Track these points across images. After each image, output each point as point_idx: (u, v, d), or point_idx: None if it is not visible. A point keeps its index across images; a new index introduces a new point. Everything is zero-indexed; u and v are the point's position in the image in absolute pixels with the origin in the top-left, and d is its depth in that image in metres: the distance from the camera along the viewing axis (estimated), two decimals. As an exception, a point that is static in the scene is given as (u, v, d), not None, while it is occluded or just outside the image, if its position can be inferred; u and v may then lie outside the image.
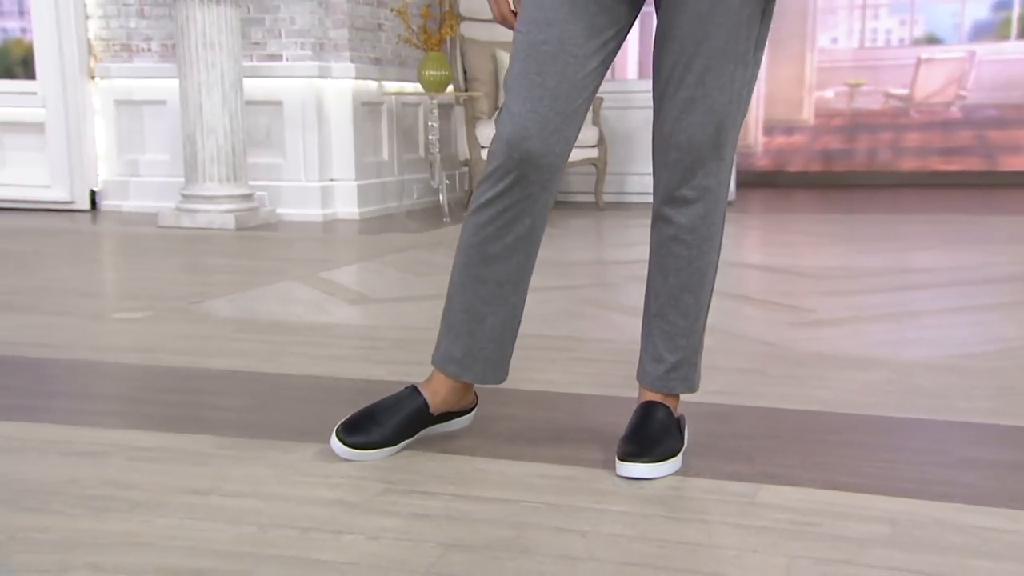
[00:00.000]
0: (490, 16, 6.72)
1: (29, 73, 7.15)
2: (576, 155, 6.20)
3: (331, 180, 6.00)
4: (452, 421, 1.97)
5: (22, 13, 7.50)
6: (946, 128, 8.69)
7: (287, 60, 5.89)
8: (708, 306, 1.92)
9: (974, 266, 4.30)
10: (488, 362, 1.90)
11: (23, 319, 3.27)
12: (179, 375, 2.61)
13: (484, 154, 6.17)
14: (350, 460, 1.89)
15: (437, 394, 1.92)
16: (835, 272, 4.06)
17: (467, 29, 6.57)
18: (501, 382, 1.95)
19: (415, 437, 1.93)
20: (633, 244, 4.94)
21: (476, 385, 1.98)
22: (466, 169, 6.61)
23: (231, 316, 3.31)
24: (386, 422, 1.90)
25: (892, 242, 5.01)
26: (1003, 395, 2.36)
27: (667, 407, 1.89)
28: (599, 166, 6.57)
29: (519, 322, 1.94)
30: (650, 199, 1.96)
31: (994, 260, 4.47)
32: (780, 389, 2.44)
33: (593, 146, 6.42)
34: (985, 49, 9.77)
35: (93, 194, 6.36)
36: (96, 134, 6.33)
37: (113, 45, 6.21)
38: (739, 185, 7.19)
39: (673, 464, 1.81)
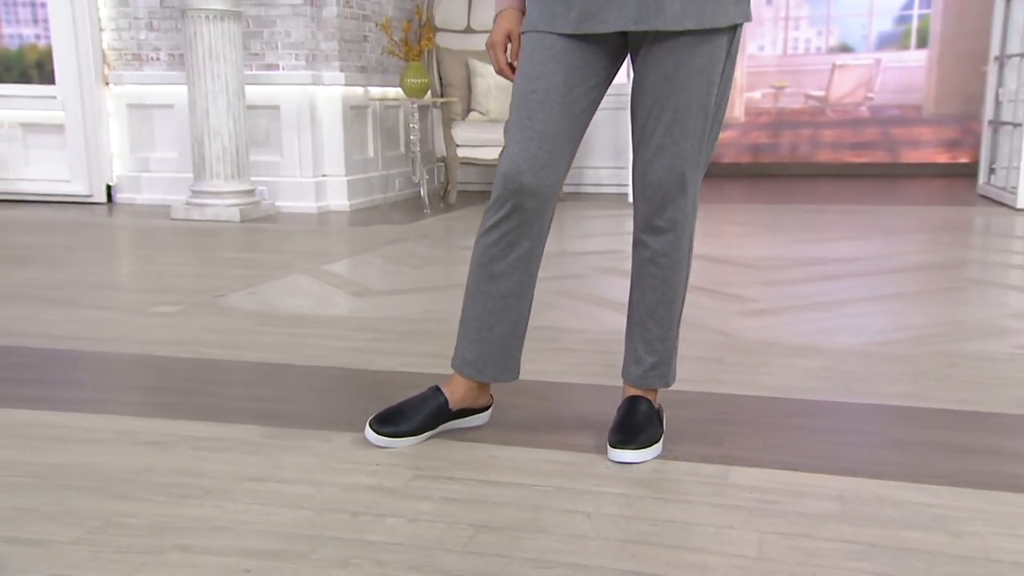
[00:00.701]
0: (463, 27, 6.77)
1: (43, 76, 7.04)
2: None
3: (323, 176, 6.00)
4: (469, 418, 2.03)
5: (36, 21, 7.37)
6: (856, 125, 8.80)
7: (283, 69, 5.86)
8: (680, 315, 1.99)
9: (885, 256, 4.28)
10: (498, 364, 1.97)
11: (70, 313, 3.24)
12: (219, 367, 2.61)
13: (459, 151, 6.22)
14: (382, 448, 1.96)
15: (455, 393, 1.99)
16: (770, 262, 4.07)
17: (442, 39, 6.56)
18: (512, 380, 2.01)
19: (437, 430, 2.00)
20: (593, 235, 4.96)
21: (491, 384, 2.04)
22: (442, 164, 6.63)
23: (253, 310, 3.29)
24: (413, 416, 1.98)
25: (815, 232, 5.03)
26: (919, 380, 2.44)
27: (648, 400, 1.97)
28: None
29: (525, 328, 1.99)
30: (603, 189, 2.02)
31: (901, 250, 4.45)
32: (736, 376, 2.47)
33: None
34: (889, 57, 9.91)
35: (109, 188, 6.30)
36: (111, 134, 6.26)
37: (125, 55, 6.14)
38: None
39: (656, 449, 1.89)
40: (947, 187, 7.31)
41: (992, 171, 6.34)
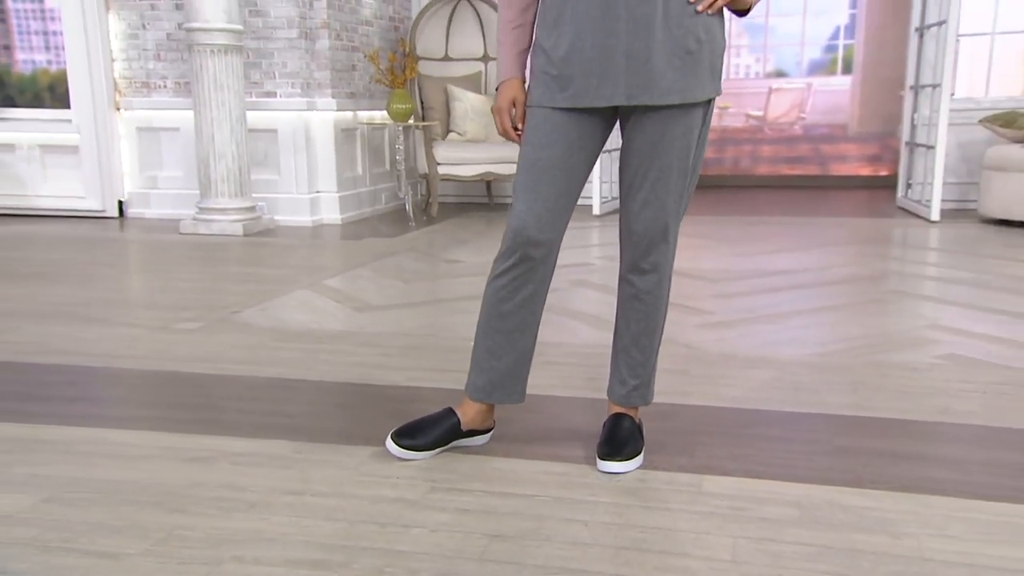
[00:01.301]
0: (441, 56, 6.81)
1: (55, 98, 6.98)
2: (512, 168, 6.32)
3: (317, 192, 6.01)
4: (475, 438, 2.10)
5: (48, 48, 7.31)
6: (790, 142, 8.97)
7: (280, 96, 5.86)
8: (660, 343, 2.07)
9: (820, 267, 4.32)
10: (505, 389, 2.03)
11: (104, 331, 3.23)
12: (244, 384, 2.64)
13: (440, 169, 6.25)
14: (401, 459, 2.03)
15: (467, 414, 2.05)
16: (722, 274, 4.12)
17: (423, 67, 6.59)
18: (518, 403, 2.08)
19: (448, 446, 2.08)
20: (562, 248, 5.00)
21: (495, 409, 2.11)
22: (425, 180, 6.66)
23: (267, 326, 3.30)
24: (429, 432, 2.04)
25: (759, 244, 5.05)
26: (857, 390, 2.54)
27: (631, 416, 2.06)
28: None
29: (530, 358, 2.05)
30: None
31: (834, 262, 4.48)
32: (701, 388, 2.54)
33: None
34: (819, 81, 10.10)
35: (121, 204, 6.27)
36: (122, 155, 6.22)
37: (135, 83, 6.11)
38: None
39: (639, 460, 1.97)
40: (870, 198, 7.43)
41: (909, 186, 6.51)
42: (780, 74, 10.34)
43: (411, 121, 6.09)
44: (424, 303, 3.66)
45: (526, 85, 1.96)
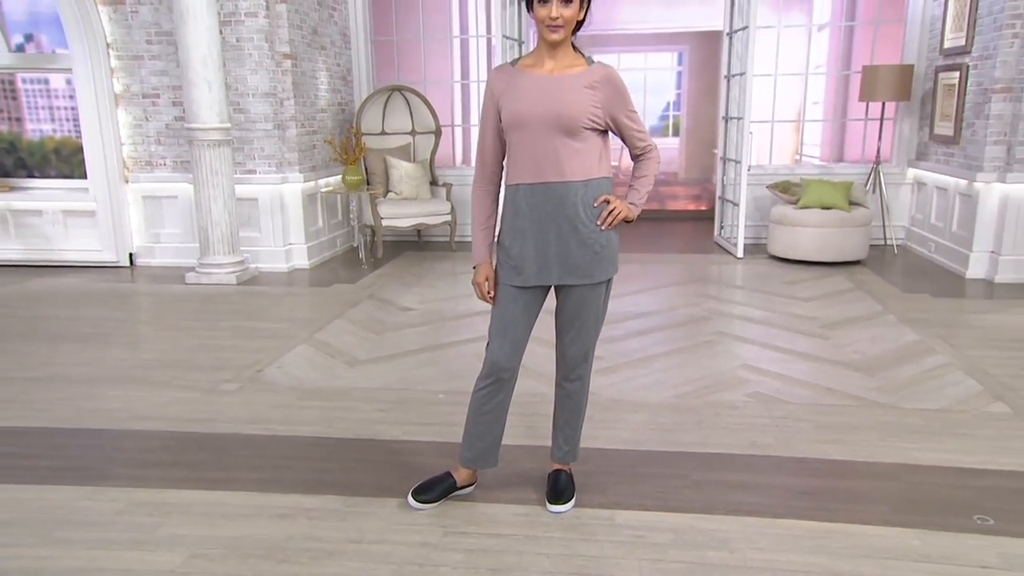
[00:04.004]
0: (379, 131, 7.02)
1: (60, 160, 6.89)
2: (437, 219, 6.64)
3: (290, 244, 6.16)
4: (465, 489, 2.45)
5: (53, 119, 7.17)
6: (637, 186, 9.54)
7: (259, 173, 6.00)
8: (583, 422, 2.44)
9: (669, 308, 4.49)
10: (485, 459, 2.40)
11: (170, 395, 3.24)
12: (288, 443, 2.75)
13: (383, 222, 6.48)
14: (419, 510, 2.34)
15: (461, 475, 2.42)
16: (607, 318, 4.33)
17: (366, 140, 6.78)
18: (494, 467, 2.42)
19: (448, 497, 2.42)
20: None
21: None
22: (371, 229, 6.82)
23: (288, 384, 3.36)
24: (435, 489, 2.39)
25: (624, 285, 4.97)
26: (701, 428, 2.91)
27: (566, 471, 2.45)
28: (451, 223, 6.80)
29: (501, 438, 2.38)
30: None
31: (676, 303, 4.63)
32: (603, 432, 2.77)
33: (447, 213, 6.75)
34: (657, 141, 10.78)
35: (131, 255, 6.29)
36: (131, 217, 6.24)
37: (140, 161, 6.12)
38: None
39: (573, 501, 2.37)
40: (695, 230, 7.71)
41: (722, 227, 7.18)
42: (629, 136, 11.07)
43: (361, 189, 6.33)
44: (396, 355, 3.78)
45: (494, 265, 2.31)
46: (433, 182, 7.02)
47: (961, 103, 5.75)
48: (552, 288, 2.30)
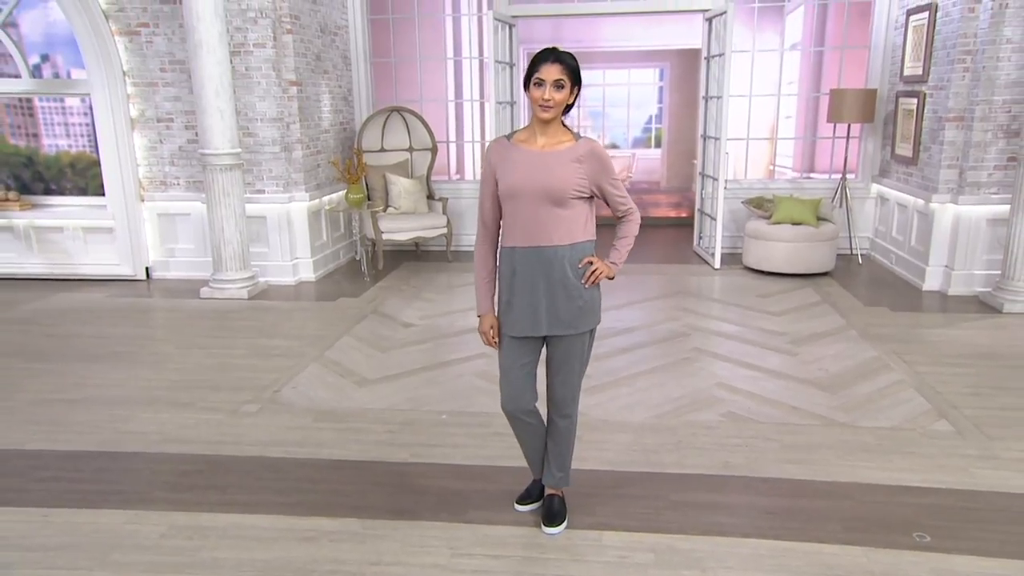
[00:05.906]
0: (378, 148, 7.15)
1: (75, 174, 7.00)
2: (435, 232, 6.79)
3: (296, 258, 6.29)
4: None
5: (68, 135, 7.28)
6: (621, 194, 9.66)
7: (268, 192, 6.12)
8: (573, 449, 2.59)
9: (649, 324, 4.50)
10: (533, 469, 2.57)
11: (195, 417, 3.29)
12: (308, 466, 2.84)
13: (383, 236, 6.63)
14: (522, 512, 2.50)
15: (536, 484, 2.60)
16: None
17: (366, 157, 6.92)
18: (538, 477, 2.56)
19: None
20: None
21: None
22: (372, 242, 6.96)
23: (303, 405, 3.40)
24: (533, 493, 2.59)
25: (609, 298, 4.73)
26: (679, 449, 3.01)
27: (560, 496, 2.61)
28: (448, 235, 6.95)
29: (539, 456, 2.52)
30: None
31: (656, 318, 4.64)
32: (591, 453, 2.85)
33: (443, 226, 6.90)
34: (640, 151, 10.99)
35: (147, 269, 6.41)
36: (146, 233, 6.36)
37: (155, 181, 6.24)
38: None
39: (565, 523, 2.53)
40: (675, 237, 7.82)
41: (701, 238, 7.38)
42: (614, 146, 11.21)
43: (363, 206, 6.48)
44: (401, 375, 3.83)
45: (496, 313, 2.46)
46: (430, 196, 7.16)
47: (919, 127, 5.96)
48: (544, 339, 2.45)
